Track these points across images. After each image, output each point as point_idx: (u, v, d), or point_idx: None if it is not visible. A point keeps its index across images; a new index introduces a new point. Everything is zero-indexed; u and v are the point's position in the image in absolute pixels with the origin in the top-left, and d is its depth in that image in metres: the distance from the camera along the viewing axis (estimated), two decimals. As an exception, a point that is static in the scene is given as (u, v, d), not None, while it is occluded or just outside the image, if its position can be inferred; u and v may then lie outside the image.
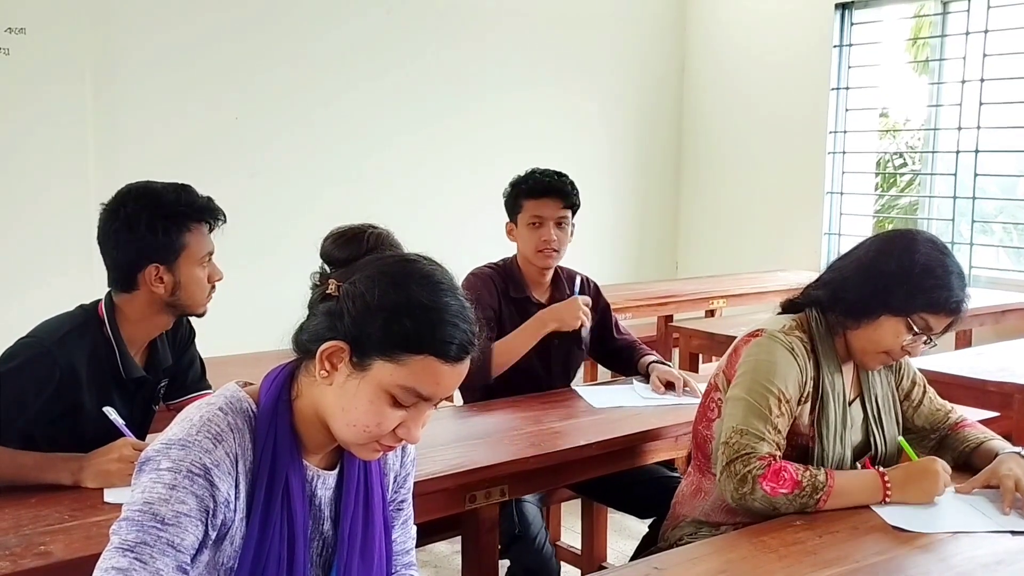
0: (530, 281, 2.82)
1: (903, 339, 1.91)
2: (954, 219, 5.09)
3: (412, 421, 1.26)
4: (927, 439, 2.15)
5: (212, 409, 1.26)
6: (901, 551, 1.65)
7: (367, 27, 4.89)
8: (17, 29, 3.87)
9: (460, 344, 1.24)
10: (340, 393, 1.25)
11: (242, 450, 1.25)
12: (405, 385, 1.22)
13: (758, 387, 1.90)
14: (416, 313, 1.22)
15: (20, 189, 3.94)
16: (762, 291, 4.97)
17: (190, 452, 1.20)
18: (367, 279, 1.25)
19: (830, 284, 2.00)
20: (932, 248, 1.92)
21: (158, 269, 2.03)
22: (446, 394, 1.30)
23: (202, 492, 1.19)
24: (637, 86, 6.08)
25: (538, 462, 2.17)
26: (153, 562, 1.15)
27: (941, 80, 5.18)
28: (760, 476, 1.80)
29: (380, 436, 1.25)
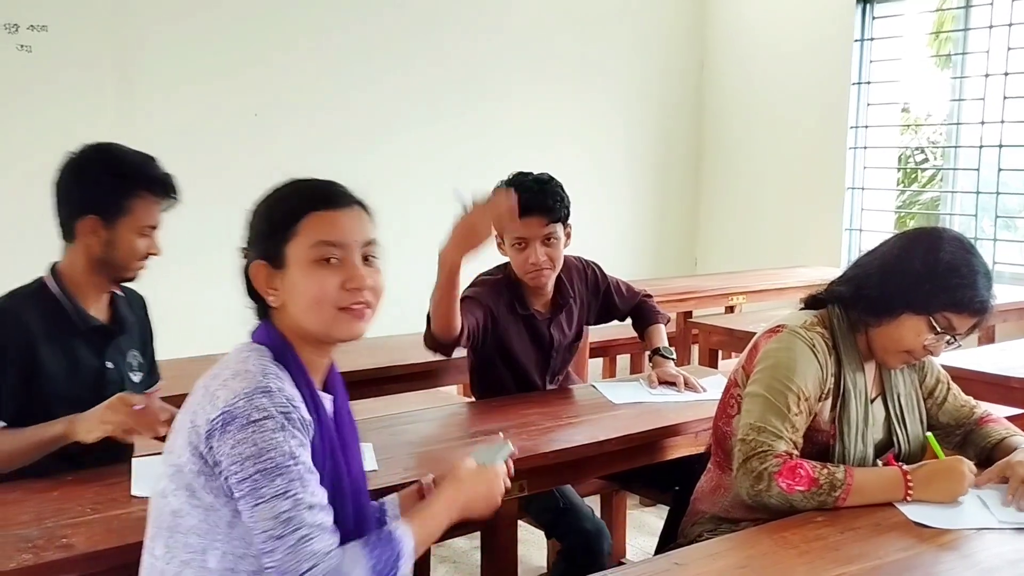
0: (529, 294, 2.66)
1: (925, 338, 1.88)
2: (977, 214, 5.04)
3: (350, 270, 1.40)
4: (952, 435, 2.13)
5: (256, 358, 1.37)
6: (924, 548, 1.63)
7: (386, 23, 4.89)
8: (39, 26, 3.90)
9: (334, 195, 1.44)
10: (290, 297, 1.40)
11: (302, 419, 1.36)
12: (313, 242, 1.38)
13: (777, 384, 1.88)
14: (284, 197, 1.45)
15: (42, 185, 3.95)
16: (782, 287, 4.94)
17: (273, 396, 1.31)
18: (247, 216, 1.48)
19: (853, 280, 1.98)
20: (958, 246, 1.89)
21: (95, 222, 2.05)
22: (355, 236, 1.41)
23: (299, 424, 1.33)
24: (657, 82, 6.06)
25: (557, 457, 2.16)
26: (306, 489, 1.29)
27: (964, 74, 5.12)
28: (776, 473, 1.78)
29: (336, 300, 1.38)
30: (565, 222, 2.60)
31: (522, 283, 2.64)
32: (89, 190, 2.06)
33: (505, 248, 2.60)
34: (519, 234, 2.51)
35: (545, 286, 2.64)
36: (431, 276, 2.34)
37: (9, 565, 1.48)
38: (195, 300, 4.13)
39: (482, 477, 1.52)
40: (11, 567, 1.47)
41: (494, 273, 2.72)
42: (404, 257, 2.84)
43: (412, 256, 3.12)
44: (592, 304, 2.84)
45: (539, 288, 2.65)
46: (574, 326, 2.79)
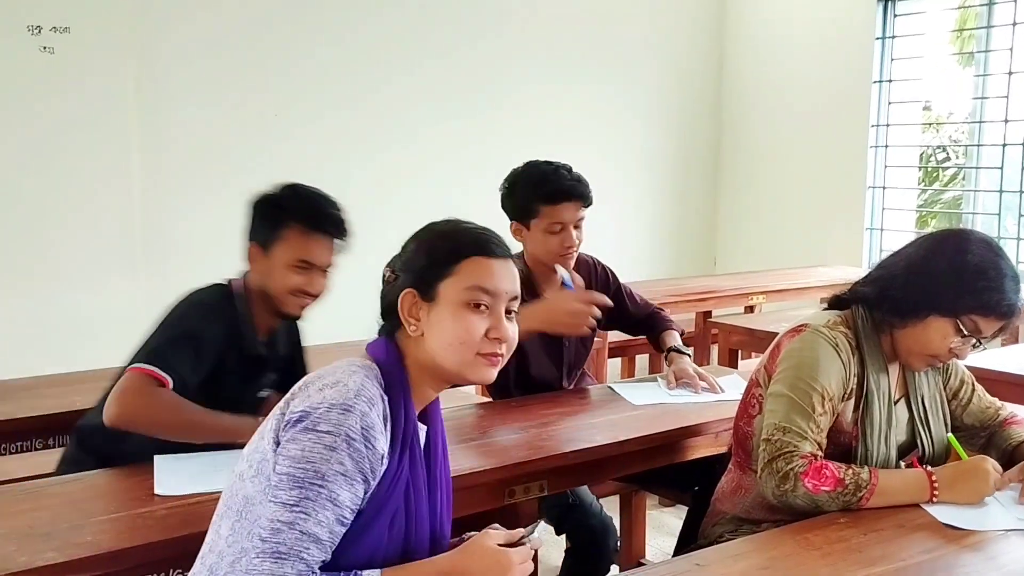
0: (542, 283, 2.69)
1: (950, 341, 1.86)
2: (1000, 213, 5.00)
3: (495, 321, 1.43)
4: (977, 437, 2.11)
5: (360, 377, 1.37)
6: (949, 549, 1.62)
7: (404, 23, 4.90)
8: (62, 28, 3.93)
9: (494, 243, 1.47)
10: (432, 330, 1.42)
11: (385, 411, 1.38)
12: (468, 286, 1.41)
13: (801, 384, 1.87)
14: (449, 234, 1.48)
15: (65, 186, 4.00)
16: (802, 287, 4.92)
17: (349, 417, 1.31)
18: (404, 244, 1.50)
19: (878, 281, 1.96)
20: (986, 249, 1.87)
21: (256, 249, 2.15)
22: (507, 287, 1.44)
23: (358, 455, 1.31)
24: (676, 80, 6.04)
25: (577, 457, 2.16)
26: (315, 515, 1.28)
27: (987, 72, 5.08)
28: (802, 474, 1.77)
29: (478, 346, 1.41)
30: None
31: (533, 274, 2.67)
32: (254, 218, 2.17)
33: (527, 234, 2.63)
34: (558, 219, 2.58)
35: (569, 269, 2.68)
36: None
37: (35, 563, 1.49)
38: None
39: (493, 559, 1.37)
40: (37, 565, 1.49)
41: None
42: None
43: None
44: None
45: (545, 270, 2.65)
46: None
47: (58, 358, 3.33)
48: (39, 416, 2.36)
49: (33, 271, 3.96)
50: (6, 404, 2.44)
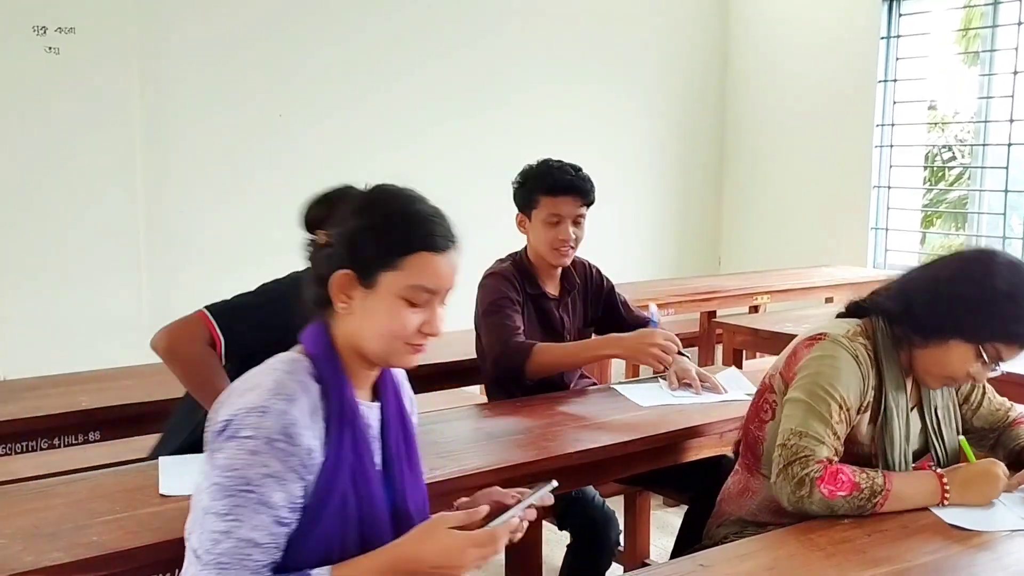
0: (542, 275, 2.76)
1: (970, 366, 1.84)
2: (1005, 213, 4.99)
3: (431, 316, 1.41)
4: (986, 439, 2.10)
5: (278, 374, 1.36)
6: (954, 550, 1.62)
7: (408, 22, 4.91)
8: (67, 28, 3.94)
9: (443, 236, 1.41)
10: (363, 315, 1.39)
11: (314, 402, 1.36)
12: (412, 284, 1.38)
13: (820, 391, 1.85)
14: (398, 221, 1.41)
15: (69, 186, 4.01)
16: (807, 287, 4.92)
17: (267, 418, 1.30)
18: (350, 214, 1.43)
19: (901, 296, 1.93)
20: (1014, 275, 1.82)
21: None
22: (448, 285, 1.42)
23: (283, 454, 1.30)
24: (679, 79, 6.03)
25: (582, 458, 2.15)
26: (249, 520, 1.27)
27: (992, 71, 5.07)
28: (818, 479, 1.75)
29: (409, 338, 1.40)
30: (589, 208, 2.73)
31: (534, 266, 2.75)
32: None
33: (528, 226, 2.72)
34: (555, 211, 2.66)
35: (565, 265, 2.75)
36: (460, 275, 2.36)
37: (41, 563, 1.49)
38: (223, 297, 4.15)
39: (444, 544, 1.31)
40: (43, 565, 1.49)
41: (502, 263, 2.79)
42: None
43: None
44: (595, 300, 2.90)
45: (556, 267, 2.74)
46: (580, 314, 2.85)
47: (63, 358, 3.34)
48: (44, 416, 2.36)
49: (37, 271, 3.97)
50: (11, 404, 2.44)
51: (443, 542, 1.31)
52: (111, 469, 1.97)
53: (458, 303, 2.69)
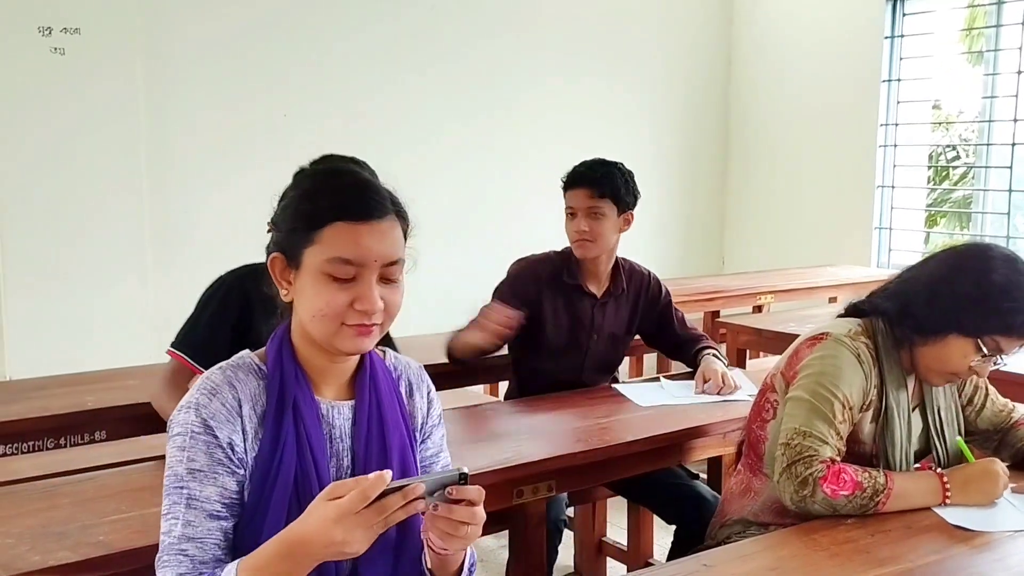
0: (585, 272, 2.78)
1: (971, 360, 1.85)
2: (1010, 212, 4.98)
3: (361, 291, 1.30)
4: (990, 440, 2.11)
5: (214, 371, 1.36)
6: (956, 551, 1.62)
7: (412, 23, 4.91)
8: (72, 29, 3.95)
9: (362, 204, 1.32)
10: (299, 298, 1.34)
11: (246, 396, 1.33)
12: (330, 257, 1.29)
13: (822, 390, 1.85)
14: (312, 194, 1.35)
15: (75, 186, 4.02)
16: (811, 287, 4.91)
17: (188, 413, 1.31)
18: (279, 199, 1.43)
19: (899, 296, 1.94)
20: (1010, 268, 1.84)
21: None
22: (375, 256, 1.31)
23: (208, 447, 1.29)
24: (683, 79, 6.03)
25: (585, 457, 2.17)
26: (182, 516, 1.28)
27: (996, 71, 5.06)
28: (821, 479, 1.76)
29: (343, 317, 1.31)
30: (618, 204, 2.73)
31: (577, 261, 2.77)
32: None
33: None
34: (570, 204, 2.74)
35: (585, 258, 2.74)
36: (457, 276, 2.38)
37: (48, 562, 1.50)
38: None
39: (315, 514, 1.19)
40: (50, 564, 1.50)
41: (547, 253, 2.85)
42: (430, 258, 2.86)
43: (439, 257, 3.14)
44: (646, 310, 2.87)
45: (580, 258, 2.74)
46: (622, 320, 2.84)
47: (68, 359, 3.35)
48: (50, 416, 2.37)
49: (44, 271, 3.98)
50: (18, 404, 2.45)
51: (317, 513, 1.19)
52: (117, 469, 1.98)
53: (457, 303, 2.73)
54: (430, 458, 1.53)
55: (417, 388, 1.51)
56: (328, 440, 1.37)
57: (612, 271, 2.81)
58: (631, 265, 2.90)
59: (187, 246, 4.30)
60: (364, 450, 1.39)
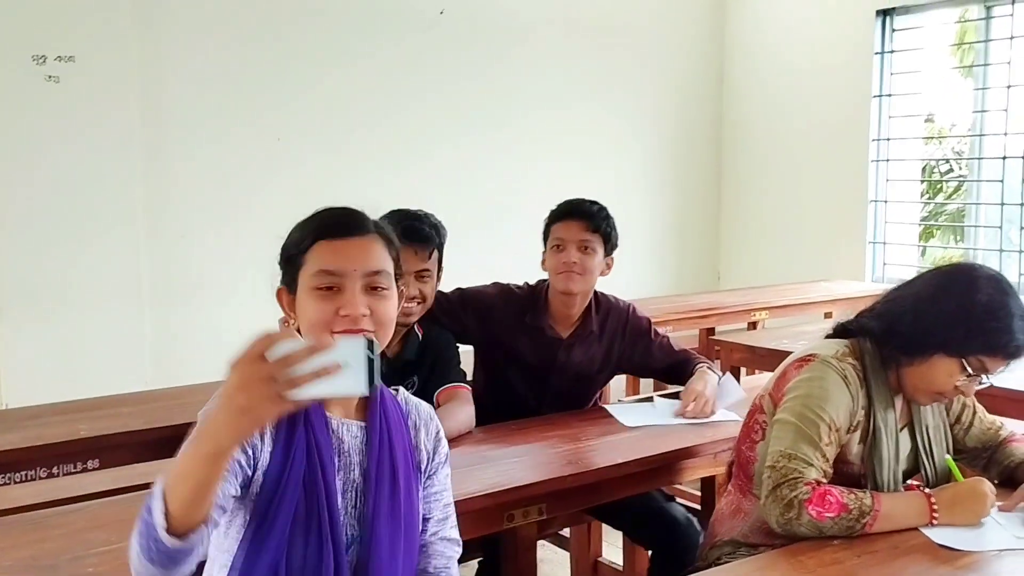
0: (554, 311, 2.71)
1: (956, 379, 1.86)
2: (1002, 226, 5.01)
3: (347, 298, 1.42)
4: (979, 458, 2.11)
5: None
6: (941, 571, 1.63)
7: (406, 47, 4.95)
8: (66, 57, 3.98)
9: (340, 224, 1.47)
10: (300, 320, 1.46)
11: None
12: (315, 271, 1.43)
13: (809, 413, 1.86)
14: (302, 224, 1.51)
15: (70, 213, 4.04)
16: (805, 302, 4.93)
17: (211, 403, 1.32)
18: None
19: (884, 316, 1.95)
20: (994, 287, 1.85)
21: None
22: (354, 266, 1.43)
23: None
24: (676, 96, 6.07)
25: (576, 480, 2.16)
26: None
27: (986, 85, 5.10)
28: (806, 501, 1.76)
29: (331, 325, 1.41)
30: (606, 244, 2.69)
31: (547, 302, 2.71)
32: None
33: (546, 258, 2.71)
34: (559, 235, 2.66)
35: (572, 293, 2.66)
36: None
37: (36, 595, 1.51)
38: (224, 324, 4.18)
39: (224, 386, 1.15)
40: (38, 597, 1.51)
41: (519, 286, 2.80)
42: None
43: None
44: (625, 351, 2.80)
45: (565, 295, 2.67)
46: (592, 360, 2.77)
47: (66, 387, 3.36)
48: (42, 445, 2.38)
49: (40, 299, 3.99)
50: (11, 433, 2.45)
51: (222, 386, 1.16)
52: (108, 499, 1.98)
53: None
54: (434, 495, 1.59)
55: (424, 426, 1.59)
56: (337, 453, 1.45)
57: (584, 311, 2.74)
58: (609, 303, 2.80)
59: (184, 274, 4.32)
60: (376, 469, 1.47)
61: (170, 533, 1.18)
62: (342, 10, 4.75)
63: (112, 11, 4.08)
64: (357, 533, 1.45)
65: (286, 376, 1.11)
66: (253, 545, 1.37)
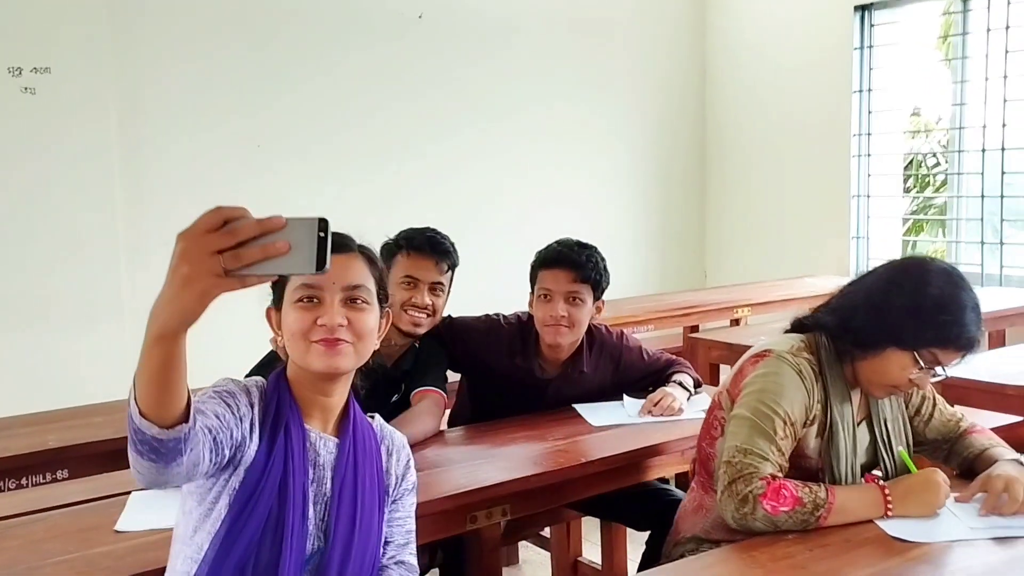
0: (544, 353, 2.66)
1: (909, 372, 1.86)
2: (983, 218, 5.01)
3: (324, 308, 1.50)
4: (939, 450, 2.12)
5: (231, 378, 1.52)
6: (891, 563, 1.63)
7: (384, 52, 4.96)
8: (42, 69, 3.99)
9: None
10: (284, 334, 1.53)
11: (252, 404, 1.48)
12: (296, 286, 1.51)
13: (764, 408, 1.86)
14: None
15: (49, 224, 4.05)
16: (788, 298, 4.91)
17: (225, 383, 1.49)
18: None
19: (838, 311, 1.96)
20: (945, 280, 1.86)
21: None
22: (332, 279, 1.48)
23: (229, 398, 1.44)
24: (659, 95, 6.08)
25: (540, 480, 2.17)
26: (205, 404, 1.40)
27: (965, 78, 5.11)
28: (761, 496, 1.76)
29: (309, 334, 1.49)
30: (596, 291, 2.61)
31: (536, 341, 2.66)
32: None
33: (533, 300, 2.64)
34: (545, 285, 2.57)
35: (559, 345, 2.61)
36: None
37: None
38: (205, 334, 4.17)
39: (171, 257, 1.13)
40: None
41: (511, 322, 2.74)
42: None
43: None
44: (616, 380, 2.76)
45: (552, 345, 2.62)
46: (582, 394, 2.72)
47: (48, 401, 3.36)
48: (11, 456, 2.38)
49: (16, 310, 4.00)
50: (-19, 445, 2.46)
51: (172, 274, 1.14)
52: (69, 509, 1.99)
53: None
54: (397, 519, 1.63)
55: (396, 453, 1.66)
56: (312, 465, 1.51)
57: (576, 351, 2.67)
58: (601, 339, 2.73)
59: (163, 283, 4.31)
60: (341, 483, 1.52)
61: (148, 420, 1.21)
62: (320, 16, 4.76)
63: (88, 22, 4.09)
64: (321, 545, 1.49)
65: (233, 250, 1.08)
66: (225, 542, 1.41)
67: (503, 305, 2.84)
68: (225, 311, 2.29)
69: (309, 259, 1.09)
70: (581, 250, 2.60)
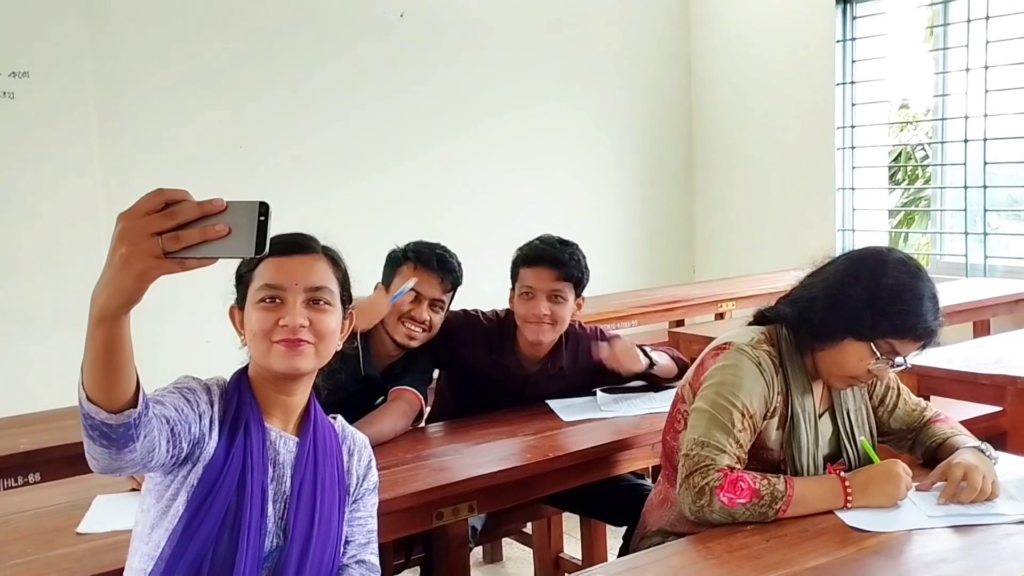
0: (522, 349, 2.66)
1: (867, 363, 1.86)
2: (966, 209, 5.01)
3: (285, 311, 1.51)
4: (904, 440, 2.12)
5: (194, 376, 1.54)
6: (846, 552, 1.63)
7: (368, 52, 4.96)
8: (20, 73, 3.99)
9: (283, 243, 1.51)
10: (246, 333, 1.55)
11: (212, 402, 1.50)
12: (258, 287, 1.53)
13: (722, 400, 1.87)
14: None
15: (28, 229, 4.05)
16: (774, 291, 4.87)
17: (186, 380, 1.51)
18: None
19: (798, 302, 1.96)
20: (902, 271, 1.85)
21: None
22: (295, 279, 1.52)
23: (190, 394, 1.46)
24: (645, 90, 6.08)
25: (506, 476, 2.17)
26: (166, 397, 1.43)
27: (946, 69, 5.11)
28: (717, 488, 1.76)
29: (271, 334, 1.51)
30: (577, 288, 2.61)
31: (514, 337, 2.66)
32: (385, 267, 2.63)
33: (514, 296, 2.64)
34: (527, 282, 2.58)
35: (541, 343, 2.62)
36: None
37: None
38: (189, 332, 4.19)
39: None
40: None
41: (490, 318, 2.73)
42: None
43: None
44: (593, 377, 2.76)
45: (534, 343, 2.62)
46: (559, 389, 2.72)
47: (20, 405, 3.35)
48: (-19, 460, 2.39)
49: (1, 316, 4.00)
50: (-48, 450, 2.46)
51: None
52: (32, 511, 1.99)
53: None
54: (358, 519, 1.64)
55: (358, 453, 1.67)
56: (272, 464, 1.53)
57: (554, 347, 2.67)
58: (577, 337, 2.72)
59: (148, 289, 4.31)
60: (301, 482, 1.54)
61: (96, 405, 1.21)
62: (300, 16, 4.76)
63: (66, 25, 4.09)
64: (281, 543, 1.50)
65: (172, 232, 1.08)
66: (183, 538, 1.42)
67: (490, 303, 2.84)
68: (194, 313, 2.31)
69: (248, 243, 1.10)
70: (563, 248, 2.60)
